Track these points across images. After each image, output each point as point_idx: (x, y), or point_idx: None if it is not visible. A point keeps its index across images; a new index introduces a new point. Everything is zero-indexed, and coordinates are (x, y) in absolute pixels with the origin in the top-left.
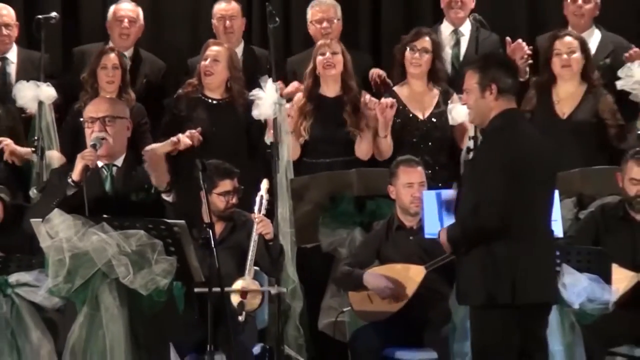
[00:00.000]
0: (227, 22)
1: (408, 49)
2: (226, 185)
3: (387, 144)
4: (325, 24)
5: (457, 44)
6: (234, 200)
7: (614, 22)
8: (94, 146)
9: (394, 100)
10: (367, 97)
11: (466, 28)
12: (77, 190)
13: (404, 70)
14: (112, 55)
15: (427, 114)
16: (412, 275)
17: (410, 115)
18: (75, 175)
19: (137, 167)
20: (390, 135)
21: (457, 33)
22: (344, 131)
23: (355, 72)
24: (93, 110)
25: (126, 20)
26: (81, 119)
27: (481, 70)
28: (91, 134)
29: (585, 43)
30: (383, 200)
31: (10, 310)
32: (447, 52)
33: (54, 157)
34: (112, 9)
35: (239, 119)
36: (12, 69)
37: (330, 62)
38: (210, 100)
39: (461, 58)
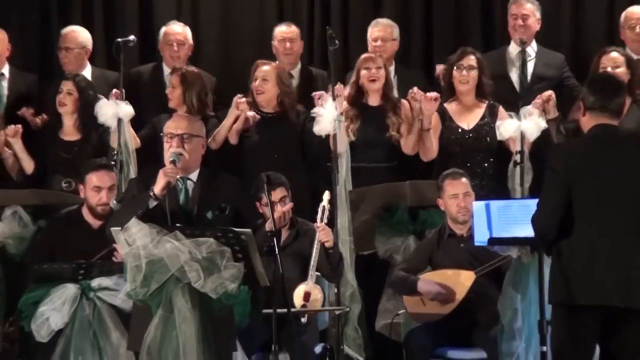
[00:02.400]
0: (287, 44)
1: (455, 68)
2: (275, 194)
3: (430, 141)
4: (379, 42)
5: (523, 63)
6: (283, 209)
7: None
8: (173, 162)
9: (437, 94)
10: (415, 89)
11: (532, 49)
12: (158, 203)
13: (453, 88)
14: (173, 76)
15: (472, 125)
16: (463, 280)
17: (456, 126)
18: (158, 189)
19: (213, 184)
20: (438, 143)
21: (523, 53)
22: (386, 136)
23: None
24: (173, 126)
25: (175, 44)
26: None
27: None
28: (169, 148)
29: (631, 60)
30: (435, 210)
31: (92, 312)
32: (515, 72)
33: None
34: (162, 31)
35: (292, 129)
36: None
37: (375, 77)
38: (264, 115)
39: (528, 77)
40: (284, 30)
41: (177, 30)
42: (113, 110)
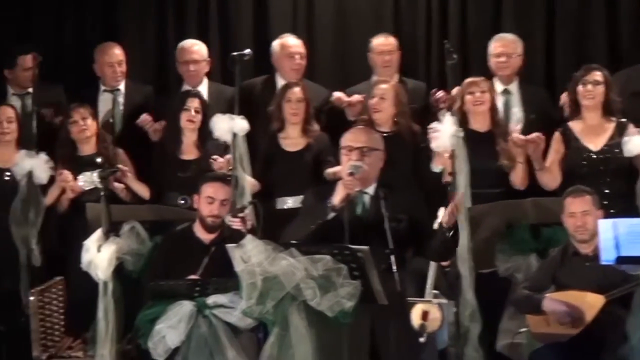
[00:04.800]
0: (386, 57)
1: (580, 84)
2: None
3: (547, 177)
4: (503, 58)
5: None
6: None
7: None
8: (352, 174)
9: (540, 135)
10: (515, 135)
11: None
12: (335, 215)
13: (578, 106)
14: (297, 89)
15: (600, 145)
16: (591, 301)
17: (583, 147)
18: (337, 201)
19: (389, 196)
20: (561, 166)
21: None
22: (496, 164)
23: (533, 106)
24: (352, 139)
25: (297, 56)
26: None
27: None
28: (347, 161)
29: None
30: (559, 228)
31: (208, 330)
32: None
33: (249, 183)
34: (277, 43)
35: (406, 148)
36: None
37: (479, 100)
38: (380, 134)
39: None
40: (382, 42)
41: (296, 43)
42: (228, 125)
